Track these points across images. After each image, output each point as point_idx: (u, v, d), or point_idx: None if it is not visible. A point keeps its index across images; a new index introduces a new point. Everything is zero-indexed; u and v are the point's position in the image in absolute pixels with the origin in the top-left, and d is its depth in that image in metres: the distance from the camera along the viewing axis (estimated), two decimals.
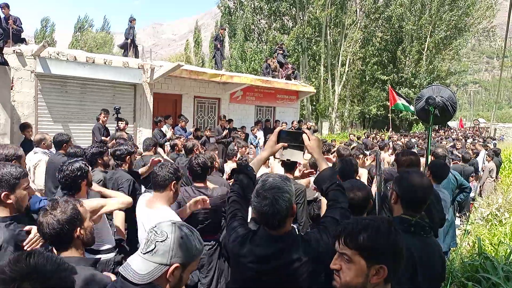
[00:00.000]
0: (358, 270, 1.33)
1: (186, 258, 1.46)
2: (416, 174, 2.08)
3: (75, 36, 50.38)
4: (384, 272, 1.32)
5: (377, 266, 1.32)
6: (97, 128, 8.25)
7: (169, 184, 2.77)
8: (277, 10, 30.68)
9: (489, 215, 7.26)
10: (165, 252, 1.42)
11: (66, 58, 8.98)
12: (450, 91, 6.21)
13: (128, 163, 4.17)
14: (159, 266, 1.42)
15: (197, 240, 1.52)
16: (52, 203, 1.93)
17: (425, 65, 32.03)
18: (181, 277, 1.47)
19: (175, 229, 1.48)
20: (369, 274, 1.32)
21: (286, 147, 2.07)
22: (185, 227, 1.52)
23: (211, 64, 43.18)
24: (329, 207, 1.93)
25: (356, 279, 1.33)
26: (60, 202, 1.94)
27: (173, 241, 1.44)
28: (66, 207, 1.90)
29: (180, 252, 1.45)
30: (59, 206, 1.90)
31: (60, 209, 1.88)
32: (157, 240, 1.44)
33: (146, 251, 1.44)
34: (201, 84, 12.63)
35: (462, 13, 32.08)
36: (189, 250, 1.47)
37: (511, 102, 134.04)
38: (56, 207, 1.89)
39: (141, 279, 1.40)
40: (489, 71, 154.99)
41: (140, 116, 10.62)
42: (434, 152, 5.50)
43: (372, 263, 1.32)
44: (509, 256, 4.54)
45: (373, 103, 33.50)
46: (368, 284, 1.33)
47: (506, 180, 11.12)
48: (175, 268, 1.44)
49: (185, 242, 1.46)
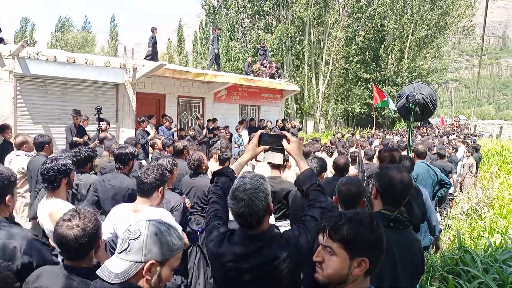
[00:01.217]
0: (341, 262, 1.36)
1: (161, 254, 1.44)
2: (395, 170, 2.12)
3: (56, 36, 49.48)
4: (366, 264, 1.36)
5: (359, 258, 1.36)
6: (68, 128, 8.09)
7: (155, 190, 2.75)
8: (261, 9, 30.72)
9: (469, 209, 7.42)
10: (138, 250, 1.41)
11: (46, 58, 8.81)
12: (431, 88, 6.34)
13: (130, 168, 3.96)
14: (134, 264, 1.40)
15: (175, 235, 1.50)
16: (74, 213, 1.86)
17: (407, 63, 32.53)
18: (159, 275, 1.45)
19: (148, 226, 1.45)
20: (351, 266, 1.36)
21: (267, 150, 2.10)
22: (162, 224, 1.50)
23: (195, 63, 42.98)
24: (309, 206, 1.96)
25: (338, 271, 1.37)
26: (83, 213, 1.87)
27: (146, 237, 1.42)
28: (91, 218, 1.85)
29: (155, 248, 1.42)
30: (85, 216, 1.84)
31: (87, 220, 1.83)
32: (130, 238, 1.42)
33: (121, 251, 1.43)
34: (184, 83, 12.55)
35: (442, 12, 32.71)
36: (165, 246, 1.45)
37: (490, 100, 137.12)
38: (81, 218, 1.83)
39: (116, 278, 1.39)
40: (469, 69, 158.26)
41: (122, 116, 10.50)
42: (415, 149, 5.60)
43: (355, 256, 1.36)
44: (487, 249, 4.65)
45: (356, 102, 33.89)
46: (350, 276, 1.37)
47: (485, 175, 11.38)
48: (151, 265, 1.42)
49: (159, 238, 1.44)
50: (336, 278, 1.38)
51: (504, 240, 5.05)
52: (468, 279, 3.85)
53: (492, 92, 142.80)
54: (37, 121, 9.14)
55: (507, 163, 13.75)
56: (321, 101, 31.09)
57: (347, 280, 1.38)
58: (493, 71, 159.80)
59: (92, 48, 48.54)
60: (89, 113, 8.67)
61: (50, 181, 2.79)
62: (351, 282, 1.39)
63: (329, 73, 31.45)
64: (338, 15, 31.49)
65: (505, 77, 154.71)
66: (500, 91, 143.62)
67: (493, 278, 3.75)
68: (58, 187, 2.82)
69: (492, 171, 11.68)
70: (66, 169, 2.83)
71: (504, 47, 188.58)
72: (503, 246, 4.82)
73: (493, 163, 13.59)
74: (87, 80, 9.63)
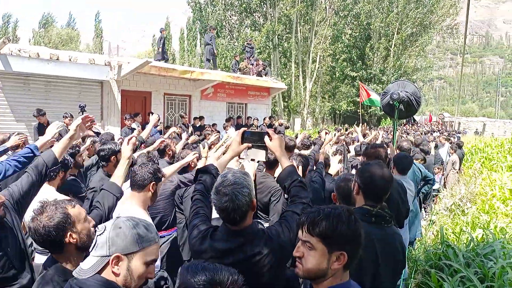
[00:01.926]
0: (320, 256, 1.39)
1: (126, 247, 1.44)
2: (377, 165, 2.14)
3: (39, 32, 48.52)
4: (344, 258, 1.38)
5: (338, 252, 1.38)
6: (36, 127, 7.96)
7: (147, 184, 2.71)
8: (248, 6, 30.65)
9: (453, 205, 7.55)
10: (103, 244, 1.43)
11: (28, 55, 8.65)
12: (415, 86, 6.40)
13: (114, 163, 3.77)
14: (100, 258, 1.44)
15: (143, 228, 1.49)
16: (39, 207, 1.80)
17: (392, 62, 32.86)
18: (128, 268, 1.45)
19: (115, 222, 1.48)
20: (330, 260, 1.38)
21: (250, 147, 2.10)
22: (129, 219, 1.50)
23: (182, 61, 42.70)
24: (291, 202, 1.98)
25: (318, 266, 1.39)
26: (47, 206, 1.80)
27: (109, 232, 1.44)
28: (53, 211, 1.76)
29: (119, 241, 1.44)
30: (46, 210, 1.77)
31: (46, 214, 1.75)
32: (98, 235, 1.45)
33: (92, 248, 1.46)
34: (171, 81, 12.47)
35: (427, 11, 33.12)
36: (129, 239, 1.45)
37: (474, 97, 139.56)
38: (43, 212, 1.76)
39: (84, 273, 1.43)
40: (453, 67, 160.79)
41: (107, 114, 10.38)
42: (399, 145, 5.66)
43: (333, 250, 1.38)
44: (469, 244, 4.74)
45: (343, 99, 34.12)
46: (329, 270, 1.39)
47: (468, 171, 11.59)
48: (116, 258, 1.43)
49: (123, 231, 1.45)
50: (315, 273, 1.40)
51: (485, 235, 5.16)
52: (450, 273, 3.93)
53: (475, 90, 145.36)
54: (20, 119, 8.98)
55: (490, 160, 14.03)
56: (308, 99, 31.21)
57: (326, 274, 1.40)
58: (477, 69, 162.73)
59: (77, 45, 47.79)
60: (73, 111, 8.54)
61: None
62: (330, 276, 1.40)
63: (316, 71, 31.57)
64: (325, 13, 31.61)
65: (488, 75, 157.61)
66: (483, 89, 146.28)
67: (475, 272, 3.82)
68: (53, 178, 2.96)
69: (475, 167, 11.90)
70: (67, 163, 2.99)
71: (487, 45, 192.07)
72: (485, 241, 4.93)
73: (476, 160, 13.85)
74: (71, 78, 9.50)
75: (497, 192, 8.20)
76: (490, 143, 17.85)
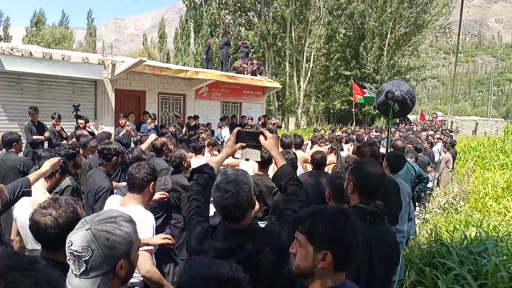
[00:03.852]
0: (306, 254, 1.40)
1: (124, 250, 1.35)
2: (370, 163, 2.16)
3: (32, 31, 48.06)
4: (329, 258, 1.37)
5: (323, 252, 1.38)
6: (27, 128, 7.86)
7: (147, 185, 2.70)
8: (243, 5, 30.63)
9: (446, 203, 7.61)
10: (101, 263, 1.30)
11: (21, 54, 8.56)
12: (409, 85, 6.44)
13: (114, 164, 3.82)
14: (103, 276, 1.31)
15: (123, 223, 1.39)
16: (51, 202, 1.77)
17: (386, 61, 33.03)
18: (130, 261, 1.40)
19: (94, 237, 1.31)
20: (316, 259, 1.39)
21: (244, 147, 2.12)
22: (104, 222, 1.36)
23: (176, 60, 42.56)
24: (289, 201, 1.99)
25: (304, 263, 1.41)
26: (61, 202, 1.77)
27: (101, 249, 1.30)
28: (67, 209, 1.74)
29: (115, 251, 1.33)
30: (61, 206, 1.74)
31: (62, 210, 1.73)
32: (85, 259, 1.29)
33: (81, 272, 1.30)
34: (165, 80, 12.42)
35: (420, 10, 33.33)
36: (122, 242, 1.35)
37: (466, 96, 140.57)
38: (57, 207, 1.73)
39: None
40: (446, 66, 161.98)
41: (101, 113, 10.31)
42: (393, 144, 5.69)
43: (318, 249, 1.38)
44: (463, 242, 4.78)
45: (337, 98, 34.25)
46: (315, 269, 1.39)
47: (461, 170, 11.69)
48: (121, 265, 1.35)
49: (113, 241, 1.32)
50: (303, 270, 1.42)
51: (478, 233, 5.21)
52: (444, 271, 3.96)
53: (468, 89, 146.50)
54: (12, 118, 8.90)
55: (482, 158, 14.16)
56: (302, 98, 31.28)
57: (314, 273, 1.40)
58: (469, 69, 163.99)
59: (70, 44, 47.39)
60: (67, 111, 8.48)
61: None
62: (320, 276, 1.41)
63: (310, 70, 31.65)
64: (319, 12, 31.69)
65: (480, 74, 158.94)
66: (476, 88, 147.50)
67: (468, 270, 3.86)
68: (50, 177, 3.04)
69: (468, 166, 12.00)
70: (65, 167, 3.09)
71: (479, 45, 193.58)
72: (478, 239, 4.97)
73: (469, 158, 13.97)
74: (64, 77, 9.41)
75: (489, 190, 8.29)
76: (482, 142, 18.00)
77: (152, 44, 60.93)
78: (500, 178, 9.57)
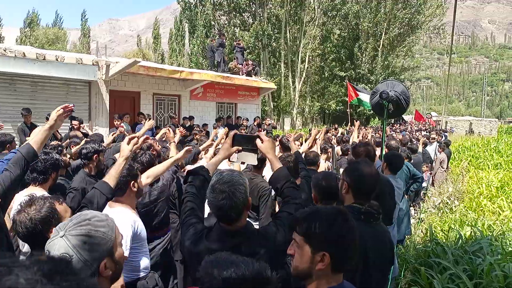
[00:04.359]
0: (305, 255, 1.40)
1: (104, 250, 1.33)
2: (365, 164, 2.16)
3: (25, 32, 47.71)
4: (327, 259, 1.37)
5: (321, 253, 1.37)
6: (20, 129, 7.81)
7: (126, 186, 2.67)
8: (237, 6, 30.62)
9: (441, 203, 7.65)
10: (83, 267, 1.26)
11: (14, 55, 8.49)
12: (403, 85, 6.46)
13: (96, 163, 3.75)
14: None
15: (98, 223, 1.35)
16: (27, 200, 1.80)
17: (380, 62, 33.14)
18: (114, 260, 1.37)
19: (69, 243, 1.28)
20: (314, 260, 1.38)
21: (240, 150, 2.12)
22: (79, 226, 1.32)
23: (170, 61, 42.46)
24: (285, 203, 1.99)
25: (302, 264, 1.40)
26: (36, 199, 1.80)
27: (79, 254, 1.27)
28: (41, 204, 1.76)
29: (95, 253, 1.30)
30: (34, 203, 1.76)
31: (34, 207, 1.75)
32: None
33: None
34: (160, 81, 12.39)
35: (414, 11, 33.51)
36: (100, 242, 1.32)
37: (460, 97, 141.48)
38: (31, 204, 1.76)
39: None
40: (440, 67, 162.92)
41: (96, 114, 10.26)
42: (387, 144, 5.70)
43: (317, 250, 1.38)
44: (458, 241, 4.80)
45: (332, 99, 34.32)
46: (314, 270, 1.39)
47: (456, 170, 11.75)
48: (105, 264, 1.33)
49: (91, 243, 1.29)
50: (301, 271, 1.42)
51: (473, 232, 5.23)
52: (439, 271, 3.97)
53: (462, 89, 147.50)
54: (6, 120, 8.82)
55: (477, 158, 14.24)
56: (298, 99, 31.31)
57: (312, 274, 1.40)
58: (463, 69, 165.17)
59: (64, 45, 47.12)
60: None
61: (41, 173, 2.91)
62: (318, 277, 1.40)
63: (305, 70, 31.69)
64: (314, 13, 31.74)
65: (474, 75, 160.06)
66: (470, 88, 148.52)
67: (463, 269, 3.87)
68: (46, 180, 2.95)
69: (463, 166, 12.08)
70: (58, 164, 2.99)
71: (473, 46, 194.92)
72: (473, 238, 5.00)
73: (463, 158, 14.05)
74: (58, 78, 9.36)
75: (484, 190, 8.34)
76: (477, 142, 18.11)
77: (146, 45, 60.81)
78: (494, 177, 9.64)
